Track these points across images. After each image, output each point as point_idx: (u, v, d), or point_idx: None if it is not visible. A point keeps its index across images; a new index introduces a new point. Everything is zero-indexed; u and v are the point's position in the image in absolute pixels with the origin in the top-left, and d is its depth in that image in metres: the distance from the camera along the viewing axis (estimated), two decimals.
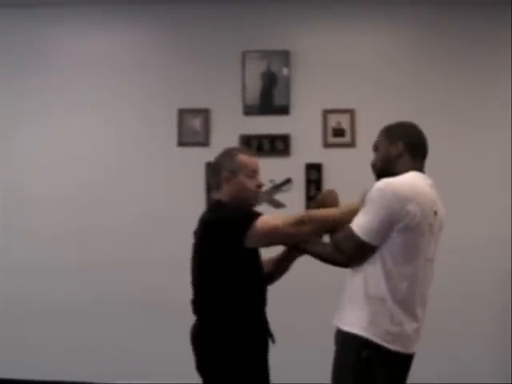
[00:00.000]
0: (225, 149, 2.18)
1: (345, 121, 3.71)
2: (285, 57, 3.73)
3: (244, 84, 3.74)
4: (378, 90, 3.71)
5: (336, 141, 3.72)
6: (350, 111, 3.70)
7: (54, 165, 3.80)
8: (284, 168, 3.65)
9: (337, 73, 3.74)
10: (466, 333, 3.60)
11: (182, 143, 3.76)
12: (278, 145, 3.71)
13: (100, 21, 3.84)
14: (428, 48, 3.73)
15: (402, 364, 1.93)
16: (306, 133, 3.71)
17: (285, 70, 3.73)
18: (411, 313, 1.88)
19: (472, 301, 3.61)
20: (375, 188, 1.86)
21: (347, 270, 1.97)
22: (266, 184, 3.36)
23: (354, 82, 3.72)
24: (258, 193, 2.16)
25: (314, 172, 3.70)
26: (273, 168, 3.51)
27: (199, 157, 3.67)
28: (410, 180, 1.89)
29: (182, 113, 3.76)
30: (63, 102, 3.81)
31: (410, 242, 1.84)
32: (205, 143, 3.74)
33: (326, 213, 2.00)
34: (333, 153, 3.71)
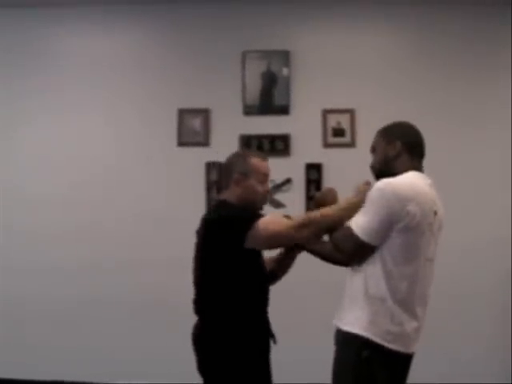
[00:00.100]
0: (237, 150, 2.17)
1: (345, 121, 3.71)
2: (285, 57, 3.72)
3: (244, 84, 3.74)
4: (378, 89, 3.71)
5: (336, 141, 3.71)
6: (350, 111, 3.70)
7: (54, 165, 3.79)
8: (284, 168, 3.64)
9: (337, 73, 3.74)
10: (466, 333, 3.60)
11: (181, 143, 3.76)
12: (278, 145, 3.71)
13: (100, 21, 3.84)
14: (428, 48, 3.73)
15: (402, 364, 1.93)
16: (306, 133, 3.71)
17: (285, 70, 3.73)
18: (411, 312, 1.88)
19: (472, 301, 3.60)
20: (375, 188, 1.86)
21: (347, 269, 1.97)
22: None
23: (354, 81, 3.72)
24: (265, 198, 2.15)
25: (314, 172, 3.69)
26: (273, 168, 3.39)
27: (199, 157, 3.69)
28: (410, 180, 1.89)
29: (182, 113, 3.76)
30: (63, 102, 3.81)
31: (410, 241, 1.84)
32: (205, 143, 3.74)
33: (327, 213, 2.00)
34: (333, 153, 3.70)
